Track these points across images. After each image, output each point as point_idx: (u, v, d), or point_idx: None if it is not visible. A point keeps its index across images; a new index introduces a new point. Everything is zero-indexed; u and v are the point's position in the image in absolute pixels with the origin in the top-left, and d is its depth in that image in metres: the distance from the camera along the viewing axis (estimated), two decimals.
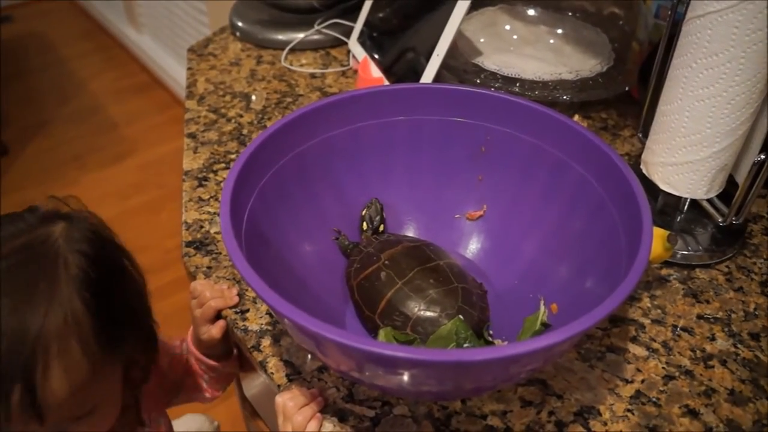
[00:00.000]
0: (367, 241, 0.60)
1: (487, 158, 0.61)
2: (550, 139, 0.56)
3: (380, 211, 0.61)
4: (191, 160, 0.78)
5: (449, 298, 0.52)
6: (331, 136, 0.59)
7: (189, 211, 0.70)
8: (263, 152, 0.52)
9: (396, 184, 0.64)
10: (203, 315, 0.58)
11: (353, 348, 0.35)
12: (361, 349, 0.35)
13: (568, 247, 0.54)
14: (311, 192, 0.59)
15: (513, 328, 0.53)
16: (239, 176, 0.49)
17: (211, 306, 0.58)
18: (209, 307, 0.58)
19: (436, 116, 0.61)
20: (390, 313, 0.52)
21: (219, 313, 0.59)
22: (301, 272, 0.55)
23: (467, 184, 0.62)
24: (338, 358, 0.41)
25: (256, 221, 0.51)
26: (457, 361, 0.35)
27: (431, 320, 0.51)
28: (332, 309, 0.56)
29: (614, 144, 0.78)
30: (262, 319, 0.57)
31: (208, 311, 0.58)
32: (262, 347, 0.54)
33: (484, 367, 0.38)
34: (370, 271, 0.55)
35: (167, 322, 0.60)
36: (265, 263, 0.48)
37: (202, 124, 0.84)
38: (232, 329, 0.57)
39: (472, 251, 0.62)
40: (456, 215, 0.63)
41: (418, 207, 0.64)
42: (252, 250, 0.46)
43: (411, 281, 0.53)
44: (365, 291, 0.55)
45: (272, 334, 0.55)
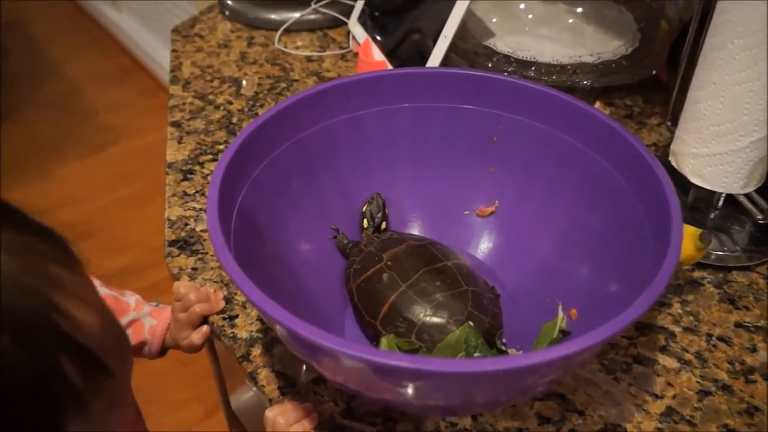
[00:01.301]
0: (368, 239, 0.60)
1: (499, 149, 0.61)
2: (569, 128, 0.56)
3: (382, 207, 0.61)
4: (175, 150, 0.77)
5: (458, 303, 0.52)
6: (329, 125, 0.58)
7: (172, 207, 0.70)
8: (255, 143, 0.52)
9: (400, 178, 0.63)
10: (187, 320, 0.58)
11: (352, 357, 0.35)
12: (362, 358, 0.35)
13: (589, 246, 0.54)
14: (307, 186, 0.58)
15: (528, 336, 0.53)
16: (228, 169, 0.48)
17: (195, 311, 0.57)
18: (194, 312, 0.57)
19: (443, 103, 0.60)
20: (393, 318, 0.52)
21: (204, 318, 0.58)
22: (296, 274, 0.55)
23: (477, 178, 0.62)
24: (336, 369, 0.41)
25: (246, 218, 0.50)
26: (466, 372, 0.35)
27: (438, 327, 0.51)
28: (329, 314, 0.56)
29: (640, 133, 0.78)
30: (253, 325, 0.57)
31: (192, 316, 0.57)
32: (253, 357, 0.54)
33: (496, 378, 0.38)
34: (371, 272, 0.55)
35: None
36: (255, 264, 0.48)
37: (188, 111, 0.84)
38: (220, 336, 0.56)
39: (482, 251, 0.62)
40: (465, 211, 0.63)
41: (424, 202, 0.64)
42: (241, 249, 0.46)
43: (416, 284, 0.53)
44: (366, 294, 0.54)
45: (263, 342, 0.55)
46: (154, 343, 0.60)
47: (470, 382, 0.38)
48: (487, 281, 0.58)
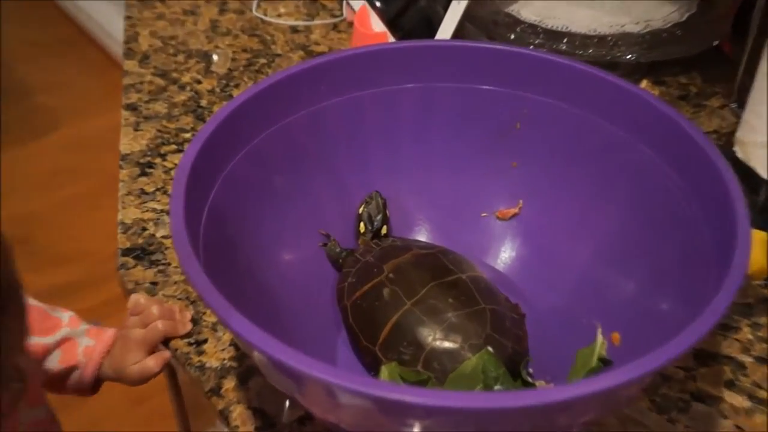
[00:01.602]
0: (366, 247, 0.60)
1: (523, 138, 0.61)
2: (609, 112, 0.56)
3: (383, 208, 0.62)
4: (131, 139, 0.78)
5: (474, 324, 0.52)
6: (318, 110, 0.59)
7: (127, 209, 0.70)
8: (228, 131, 0.53)
9: (404, 173, 0.64)
10: (143, 339, 0.57)
11: (349, 391, 0.35)
12: (360, 392, 0.35)
13: (634, 255, 0.54)
14: (292, 184, 0.59)
15: (560, 365, 0.53)
16: (196, 162, 0.49)
17: (158, 329, 0.57)
18: (155, 329, 0.57)
19: (456, 83, 0.61)
20: (396, 343, 0.52)
21: (165, 341, 0.58)
22: (278, 289, 0.55)
23: (497, 173, 0.62)
24: (327, 405, 0.41)
25: (218, 222, 0.51)
26: (485, 409, 0.35)
27: (450, 353, 0.51)
28: (318, 338, 0.56)
29: (697, 118, 0.78)
30: (225, 352, 0.57)
31: (152, 335, 0.57)
32: (224, 391, 0.54)
33: (522, 417, 0.38)
34: (369, 287, 0.56)
35: None
36: (229, 278, 0.48)
37: (146, 92, 0.84)
38: (184, 366, 0.57)
39: (504, 261, 0.62)
40: (483, 213, 0.63)
41: (433, 202, 0.64)
42: (213, 259, 0.47)
43: (423, 301, 0.53)
44: (363, 314, 0.55)
45: (238, 372, 0.55)
46: (89, 368, 0.58)
47: (490, 421, 0.38)
48: (509, 298, 0.58)
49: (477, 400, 0.35)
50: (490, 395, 0.36)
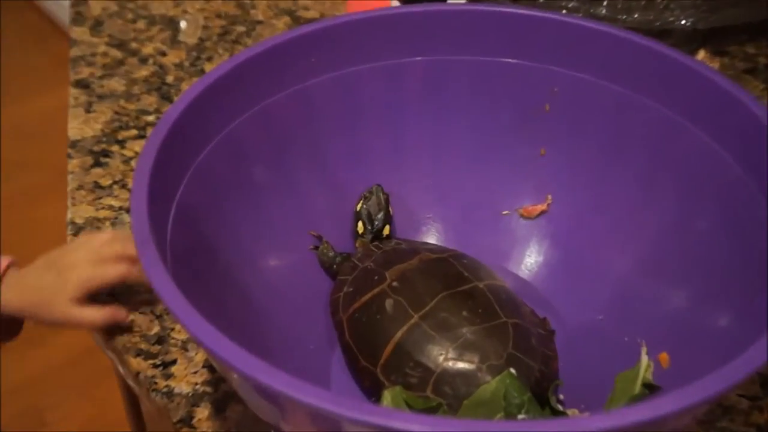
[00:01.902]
0: (365, 251, 0.61)
1: (553, 122, 0.61)
2: (658, 90, 0.56)
3: (385, 205, 0.62)
4: (82, 123, 0.78)
5: (494, 341, 0.53)
6: (307, 88, 0.59)
7: (78, 205, 0.70)
8: (200, 113, 0.53)
9: (410, 163, 0.64)
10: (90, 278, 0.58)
11: (345, 419, 0.35)
12: (359, 420, 0.35)
13: (686, 262, 0.55)
14: (276, 176, 0.59)
15: (597, 391, 0.53)
16: (162, 151, 0.49)
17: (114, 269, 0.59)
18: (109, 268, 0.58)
19: (472, 56, 0.61)
20: (400, 363, 0.53)
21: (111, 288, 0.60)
22: (262, 300, 0.56)
23: (521, 163, 0.63)
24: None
25: (190, 222, 0.51)
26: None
27: (465, 376, 0.52)
28: (310, 357, 0.57)
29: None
30: (198, 375, 0.58)
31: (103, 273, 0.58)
32: (197, 421, 0.55)
33: None
34: (368, 297, 0.56)
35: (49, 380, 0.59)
36: (203, 286, 0.49)
37: (100, 66, 0.85)
38: (148, 392, 0.58)
39: (529, 268, 0.63)
40: (504, 211, 0.64)
41: (444, 198, 0.64)
42: (182, 266, 0.47)
43: (433, 314, 0.54)
44: (361, 329, 0.55)
45: (213, 398, 0.56)
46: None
47: None
48: (535, 311, 0.59)
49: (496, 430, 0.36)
50: (512, 425, 0.37)
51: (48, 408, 1.41)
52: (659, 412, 0.36)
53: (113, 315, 0.60)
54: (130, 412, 0.81)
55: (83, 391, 1.44)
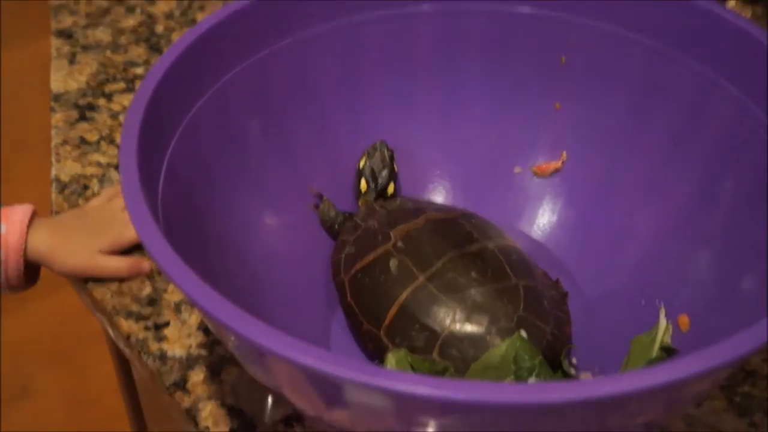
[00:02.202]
0: (368, 210, 0.60)
1: (569, 75, 0.60)
2: (684, 41, 0.55)
3: (389, 162, 0.61)
4: (65, 75, 0.77)
5: (504, 303, 0.52)
6: (306, 38, 0.58)
7: (64, 162, 0.70)
8: (192, 65, 0.52)
9: (416, 117, 0.63)
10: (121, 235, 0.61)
11: (348, 381, 0.35)
12: (363, 383, 0.35)
13: (711, 223, 0.54)
14: (272, 131, 0.59)
15: (612, 355, 0.53)
16: (152, 104, 0.48)
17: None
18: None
19: (485, 3, 0.60)
20: (405, 326, 0.53)
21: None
22: (260, 261, 0.56)
23: (535, 117, 0.62)
24: (322, 402, 0.41)
25: (181, 180, 0.50)
26: (518, 404, 0.35)
27: (473, 338, 0.51)
28: (307, 320, 0.56)
29: None
30: (192, 337, 0.57)
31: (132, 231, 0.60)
32: (191, 385, 0.54)
33: (564, 414, 0.37)
34: (372, 258, 0.56)
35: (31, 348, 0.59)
36: (195, 248, 0.48)
37: (83, 15, 0.84)
38: (140, 355, 0.57)
39: (542, 228, 0.62)
40: (516, 168, 0.63)
41: (453, 154, 0.64)
42: (174, 226, 0.46)
43: (440, 275, 0.53)
44: (364, 291, 0.55)
45: (208, 362, 0.56)
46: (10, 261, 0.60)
47: (523, 420, 0.38)
48: (548, 273, 0.58)
49: (507, 393, 0.35)
50: (524, 388, 0.36)
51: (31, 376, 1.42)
52: (677, 375, 0.35)
53: (138, 264, 0.62)
54: (121, 378, 0.81)
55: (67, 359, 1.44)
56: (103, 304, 0.60)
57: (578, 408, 0.36)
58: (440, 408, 0.37)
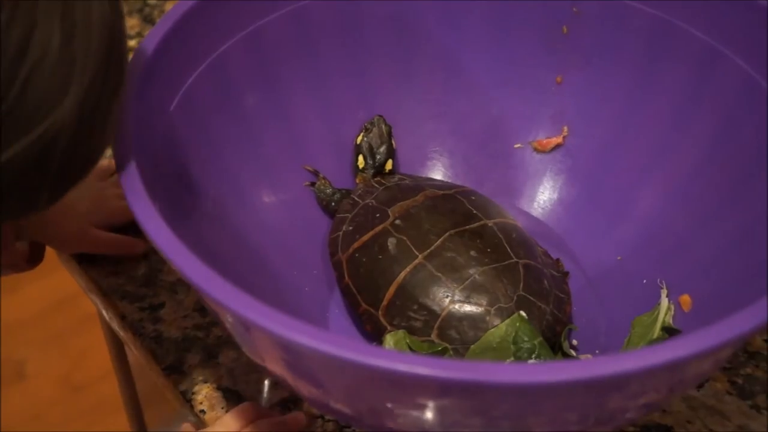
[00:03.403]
0: (366, 187, 0.61)
1: (572, 46, 0.60)
2: (693, 11, 0.55)
3: (387, 137, 0.62)
4: None
5: (503, 283, 0.53)
6: (303, 7, 0.58)
7: None
8: (186, 35, 0.52)
9: (415, 92, 0.63)
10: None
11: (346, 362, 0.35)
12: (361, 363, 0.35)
13: (716, 199, 0.55)
14: (268, 105, 0.59)
15: (613, 336, 0.54)
16: (145, 76, 0.49)
17: None
18: None
19: None
20: (403, 306, 0.53)
21: None
22: (255, 239, 0.56)
23: (536, 90, 0.62)
24: (319, 382, 0.42)
25: (176, 155, 0.51)
26: (517, 385, 0.35)
27: (472, 319, 0.52)
28: (304, 300, 0.57)
29: None
30: (188, 319, 0.58)
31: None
32: (188, 367, 0.55)
33: (562, 395, 0.38)
34: (370, 236, 0.56)
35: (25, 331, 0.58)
36: (191, 224, 0.49)
37: None
38: (135, 337, 0.58)
39: (542, 206, 0.63)
40: (516, 144, 0.64)
41: (452, 130, 0.64)
42: (168, 203, 0.47)
43: (439, 253, 0.54)
44: (362, 270, 0.55)
45: (204, 344, 0.57)
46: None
47: (522, 401, 0.38)
48: (548, 252, 0.59)
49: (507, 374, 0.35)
50: (523, 368, 0.37)
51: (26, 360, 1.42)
52: (677, 354, 0.35)
53: (131, 242, 0.62)
54: (116, 360, 0.82)
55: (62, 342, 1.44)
56: (97, 284, 0.61)
57: (578, 388, 0.36)
58: (439, 389, 0.37)
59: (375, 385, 0.39)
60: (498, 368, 0.36)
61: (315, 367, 0.40)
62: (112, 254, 0.62)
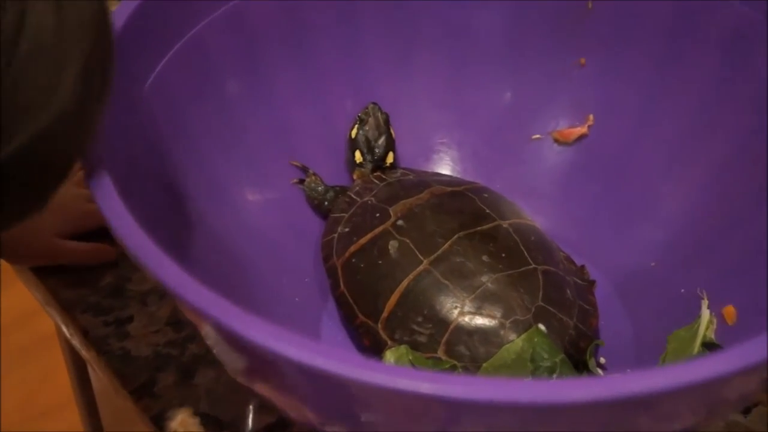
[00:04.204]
0: (365, 183, 0.61)
1: (596, 25, 0.61)
2: None
3: (385, 127, 0.62)
4: None
5: (520, 292, 0.53)
6: None
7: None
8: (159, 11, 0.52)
9: (418, 76, 0.64)
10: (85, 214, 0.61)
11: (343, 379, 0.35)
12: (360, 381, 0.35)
13: (758, 194, 0.55)
14: (253, 92, 0.59)
15: (646, 353, 0.54)
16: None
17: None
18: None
19: None
20: (406, 318, 0.53)
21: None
22: (237, 243, 0.56)
23: (556, 75, 0.62)
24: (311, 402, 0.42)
25: (149, 148, 0.51)
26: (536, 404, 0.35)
27: (485, 333, 0.52)
28: (296, 311, 0.57)
29: None
30: (160, 334, 0.58)
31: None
32: (159, 388, 0.55)
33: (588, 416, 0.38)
34: (369, 238, 0.56)
35: None
36: (165, 226, 0.48)
37: None
38: (100, 356, 0.58)
39: (564, 204, 0.63)
40: (534, 135, 0.64)
41: (461, 118, 0.64)
42: (138, 201, 0.46)
43: (446, 258, 0.54)
44: (360, 277, 0.56)
45: (179, 363, 0.57)
46: None
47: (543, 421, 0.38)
48: (571, 257, 0.59)
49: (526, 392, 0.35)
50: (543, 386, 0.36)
51: None
52: (718, 371, 0.35)
53: (98, 249, 0.62)
54: (78, 383, 0.81)
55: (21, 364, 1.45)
56: (56, 296, 0.61)
57: (604, 409, 0.36)
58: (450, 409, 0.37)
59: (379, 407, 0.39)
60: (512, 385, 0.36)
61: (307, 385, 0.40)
62: (82, 265, 0.62)
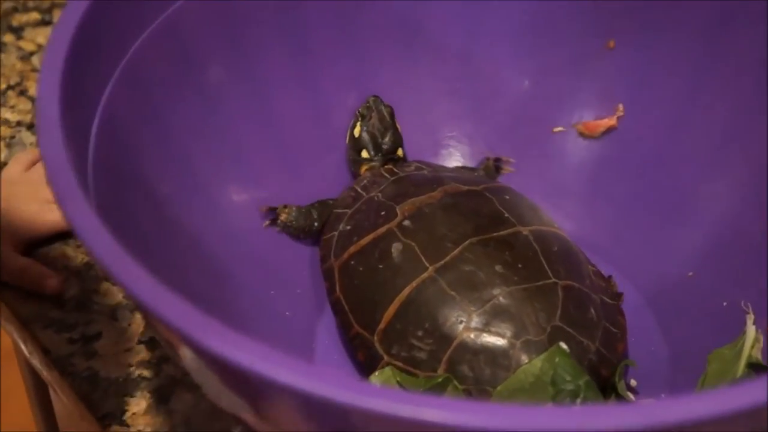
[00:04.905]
0: (373, 176, 0.61)
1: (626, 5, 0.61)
2: None
3: (391, 121, 0.63)
4: None
5: (535, 308, 0.53)
6: None
7: None
8: None
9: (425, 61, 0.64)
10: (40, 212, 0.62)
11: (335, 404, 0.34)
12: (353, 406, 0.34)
13: None
14: (239, 79, 0.60)
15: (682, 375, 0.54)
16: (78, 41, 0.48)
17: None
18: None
19: None
20: (405, 331, 0.53)
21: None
22: (219, 250, 0.57)
23: (581, 60, 0.62)
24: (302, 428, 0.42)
25: (122, 140, 0.51)
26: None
27: (492, 353, 0.52)
28: (287, 325, 0.57)
29: None
30: (132, 354, 0.58)
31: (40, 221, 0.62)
32: (130, 416, 0.55)
33: None
34: (370, 239, 0.57)
35: None
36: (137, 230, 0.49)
37: None
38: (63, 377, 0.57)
39: (590, 207, 0.63)
40: (556, 127, 0.64)
41: (472, 110, 0.64)
42: (109, 203, 0.47)
43: (455, 266, 0.54)
44: (357, 282, 0.56)
45: (153, 385, 0.57)
46: None
47: None
48: (598, 268, 0.59)
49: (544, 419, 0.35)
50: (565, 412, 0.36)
51: None
52: (762, 399, 0.34)
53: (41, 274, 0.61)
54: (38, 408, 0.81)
55: None
56: (14, 309, 0.61)
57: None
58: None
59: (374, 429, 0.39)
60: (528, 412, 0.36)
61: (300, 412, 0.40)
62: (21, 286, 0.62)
